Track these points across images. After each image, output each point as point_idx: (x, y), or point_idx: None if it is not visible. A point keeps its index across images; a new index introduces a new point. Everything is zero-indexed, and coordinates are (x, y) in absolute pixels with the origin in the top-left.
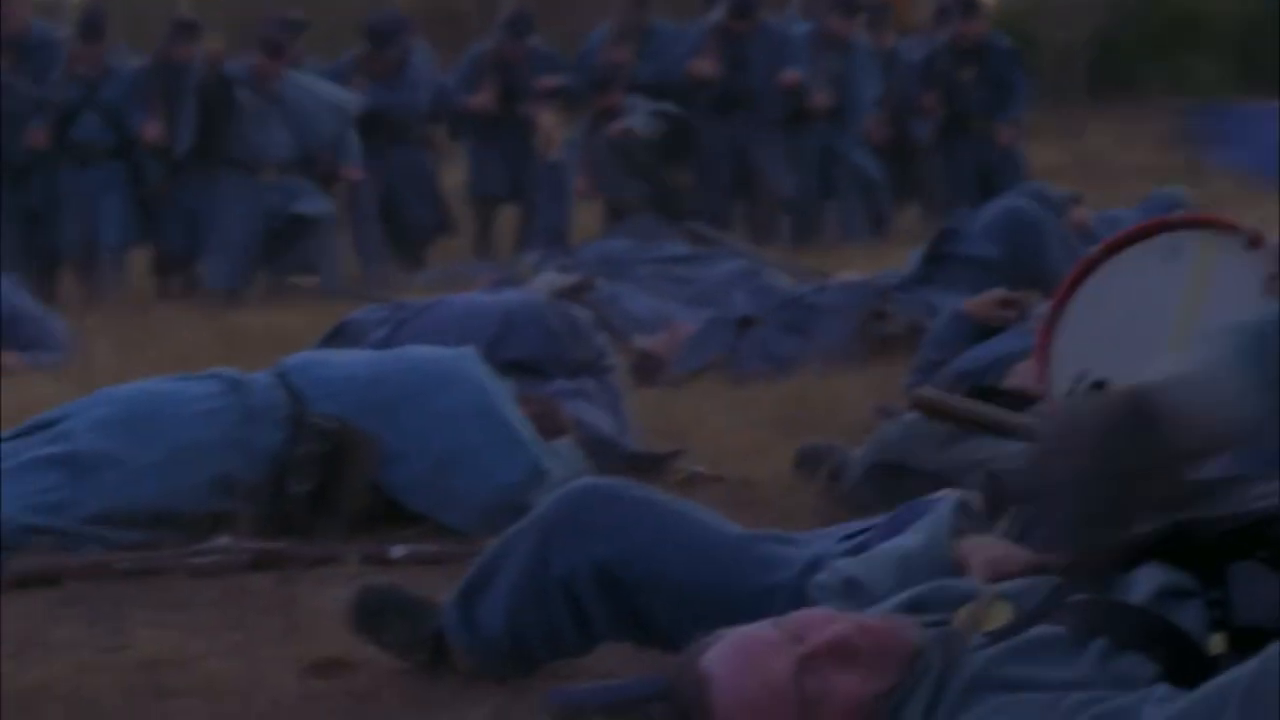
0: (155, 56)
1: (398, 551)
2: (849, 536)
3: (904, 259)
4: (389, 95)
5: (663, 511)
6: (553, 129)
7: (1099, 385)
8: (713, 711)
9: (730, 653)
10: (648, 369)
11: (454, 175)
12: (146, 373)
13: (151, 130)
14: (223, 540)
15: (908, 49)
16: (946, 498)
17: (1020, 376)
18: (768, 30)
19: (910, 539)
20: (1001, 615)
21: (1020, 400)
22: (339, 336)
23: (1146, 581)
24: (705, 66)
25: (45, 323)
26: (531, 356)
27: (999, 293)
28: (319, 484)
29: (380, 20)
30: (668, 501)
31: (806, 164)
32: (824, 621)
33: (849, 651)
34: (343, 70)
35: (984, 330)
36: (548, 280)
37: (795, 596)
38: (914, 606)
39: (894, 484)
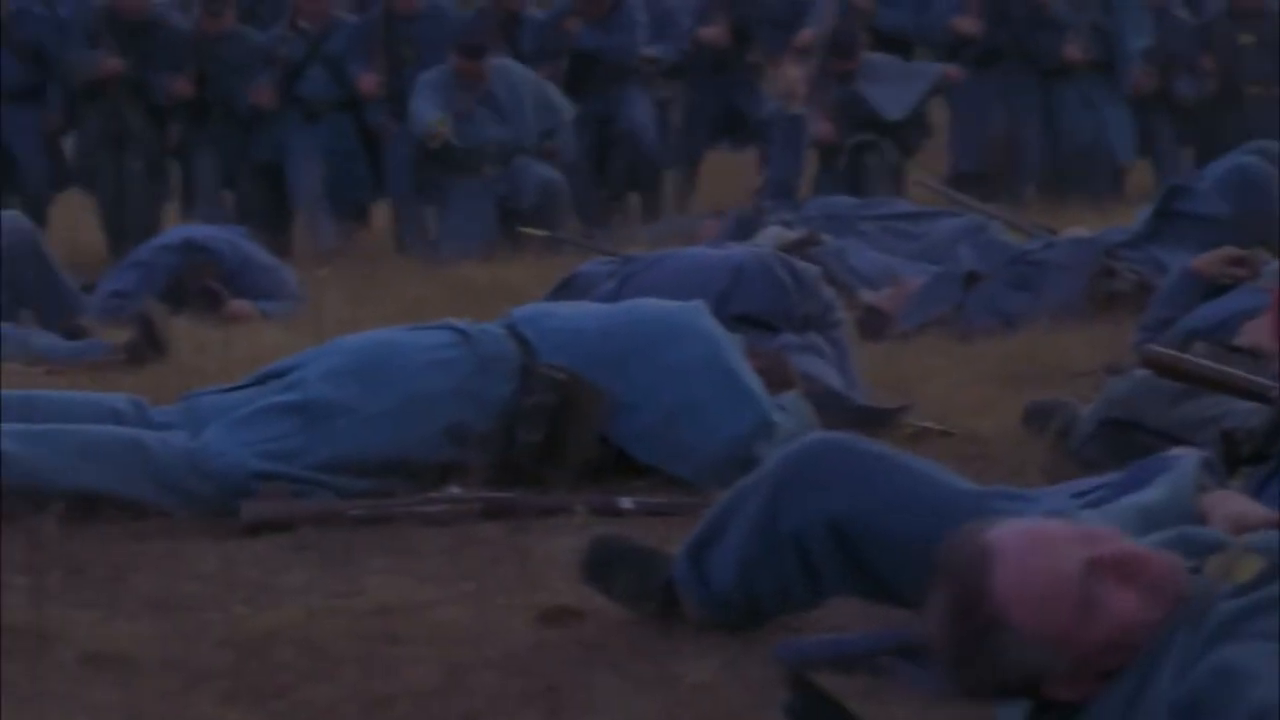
0: (381, 6)
1: (626, 503)
2: (1081, 494)
3: (1133, 217)
4: (605, 38)
5: (895, 467)
6: (797, 83)
7: None
8: (992, 584)
9: (1022, 533)
10: (874, 324)
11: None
12: (376, 323)
13: (368, 82)
14: (453, 489)
15: (1177, 5)
16: (1189, 454)
17: (1251, 334)
18: None
19: (1152, 493)
20: (1252, 567)
21: (1252, 358)
22: (567, 289)
23: None
24: (969, 24)
25: (277, 273)
26: (760, 310)
27: (1229, 250)
28: (548, 434)
29: None
30: (900, 457)
31: (1069, 117)
32: (1115, 534)
33: (1135, 570)
34: (557, 14)
35: (1213, 288)
36: (774, 234)
37: None
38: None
39: (1123, 441)
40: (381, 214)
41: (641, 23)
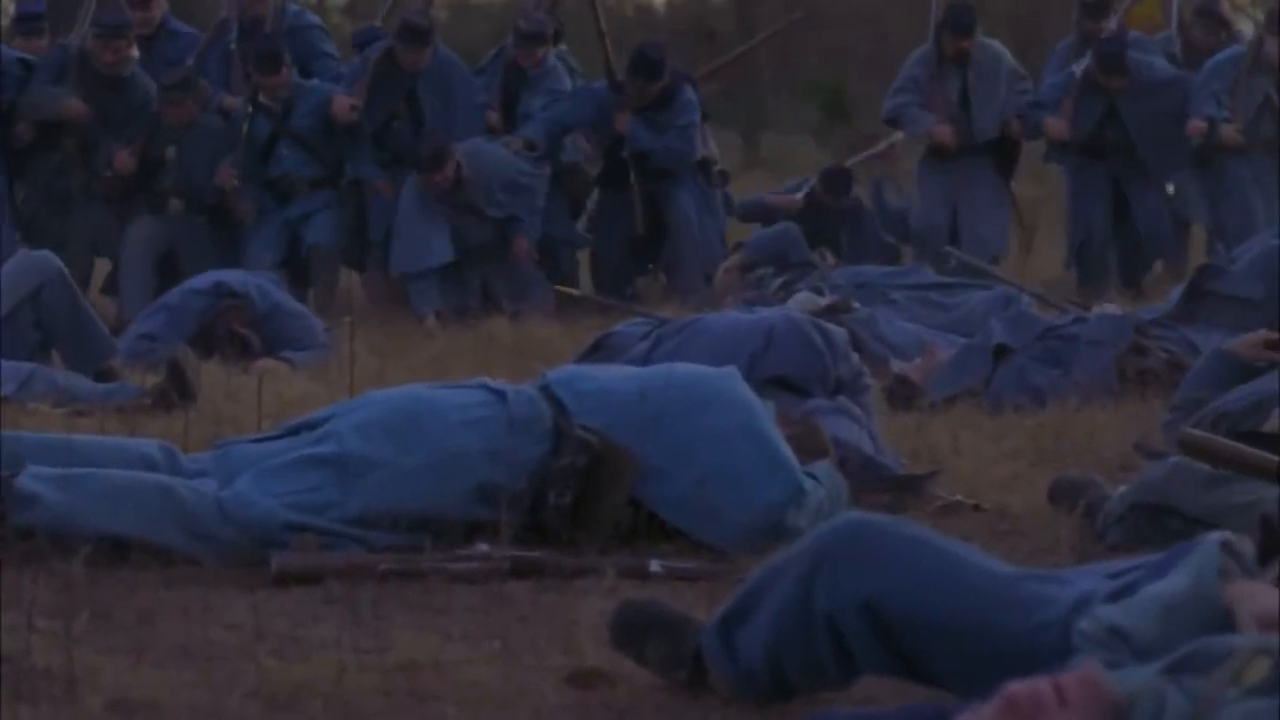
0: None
1: (655, 566)
2: (1115, 575)
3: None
4: (654, 138)
5: (931, 549)
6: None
7: None
8: None
9: None
10: (903, 394)
11: None
12: (405, 376)
13: (340, 106)
14: (483, 547)
15: None
16: (1212, 538)
17: None
18: (1141, 83)
19: (1176, 582)
20: (1261, 670)
21: None
22: (600, 349)
23: None
24: (1059, 128)
25: (305, 320)
26: (793, 372)
27: (1264, 334)
28: (579, 496)
29: (646, 48)
30: (935, 539)
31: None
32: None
33: None
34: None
35: (1247, 370)
36: (804, 299)
37: (1062, 636)
38: (1178, 667)
39: (1155, 525)
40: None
41: (696, 120)
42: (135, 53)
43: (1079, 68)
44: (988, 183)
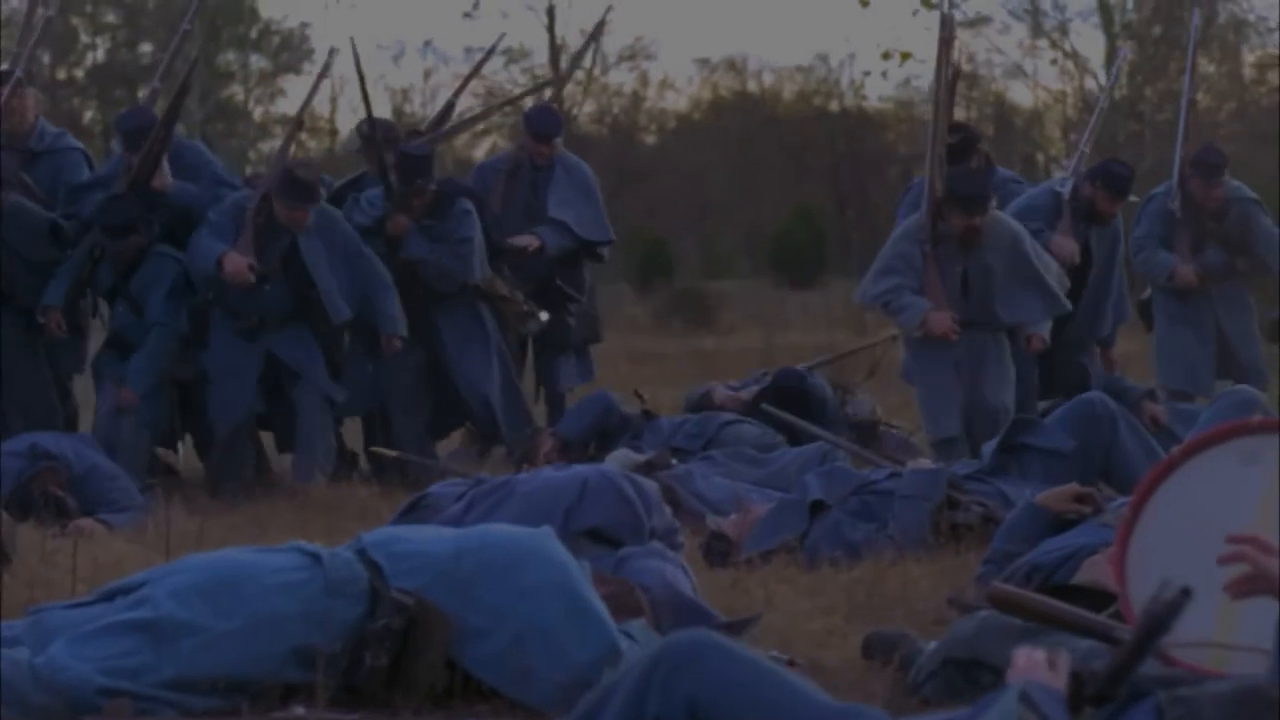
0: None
1: None
2: None
3: None
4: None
5: (765, 669)
6: None
7: (1186, 592)
8: None
9: None
10: (719, 549)
11: None
12: (223, 535)
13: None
14: (299, 710)
15: None
16: (1011, 688)
17: (1094, 571)
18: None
19: None
20: None
21: (1094, 596)
22: (416, 510)
23: None
24: (1188, 275)
25: (121, 481)
26: (606, 523)
27: (1073, 487)
28: (396, 657)
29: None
30: (769, 663)
31: None
32: None
33: None
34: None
35: (1058, 523)
36: (621, 456)
37: None
38: None
39: (966, 678)
40: None
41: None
42: None
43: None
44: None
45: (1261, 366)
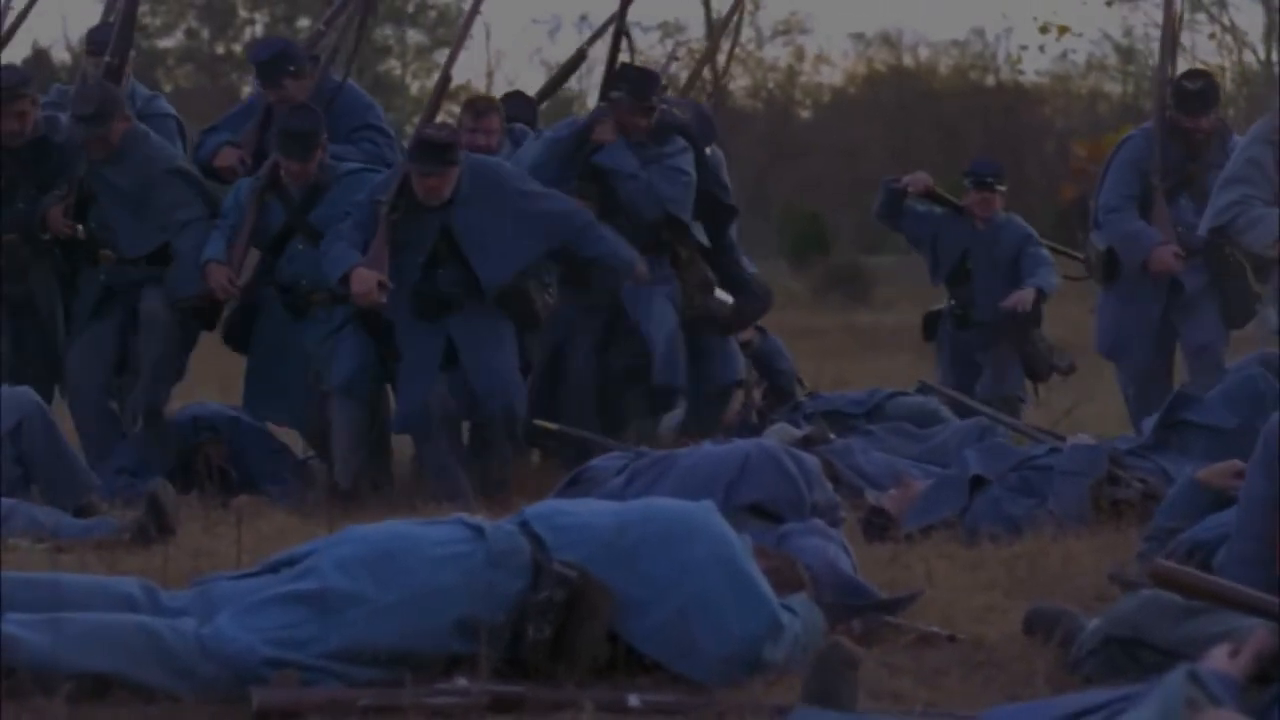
0: None
1: (634, 700)
2: (1083, 711)
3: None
4: None
5: None
6: None
7: None
8: None
9: None
10: (879, 524)
11: None
12: (383, 509)
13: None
14: (462, 682)
15: None
16: (1179, 669)
17: None
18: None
19: (1143, 716)
20: None
21: None
22: (577, 484)
23: None
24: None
25: (282, 455)
26: (767, 498)
27: (1235, 464)
28: (557, 630)
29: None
30: None
31: None
32: None
33: None
34: None
35: (1219, 500)
36: (780, 430)
37: None
38: None
39: (1128, 657)
40: None
41: None
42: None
43: None
44: None
45: None
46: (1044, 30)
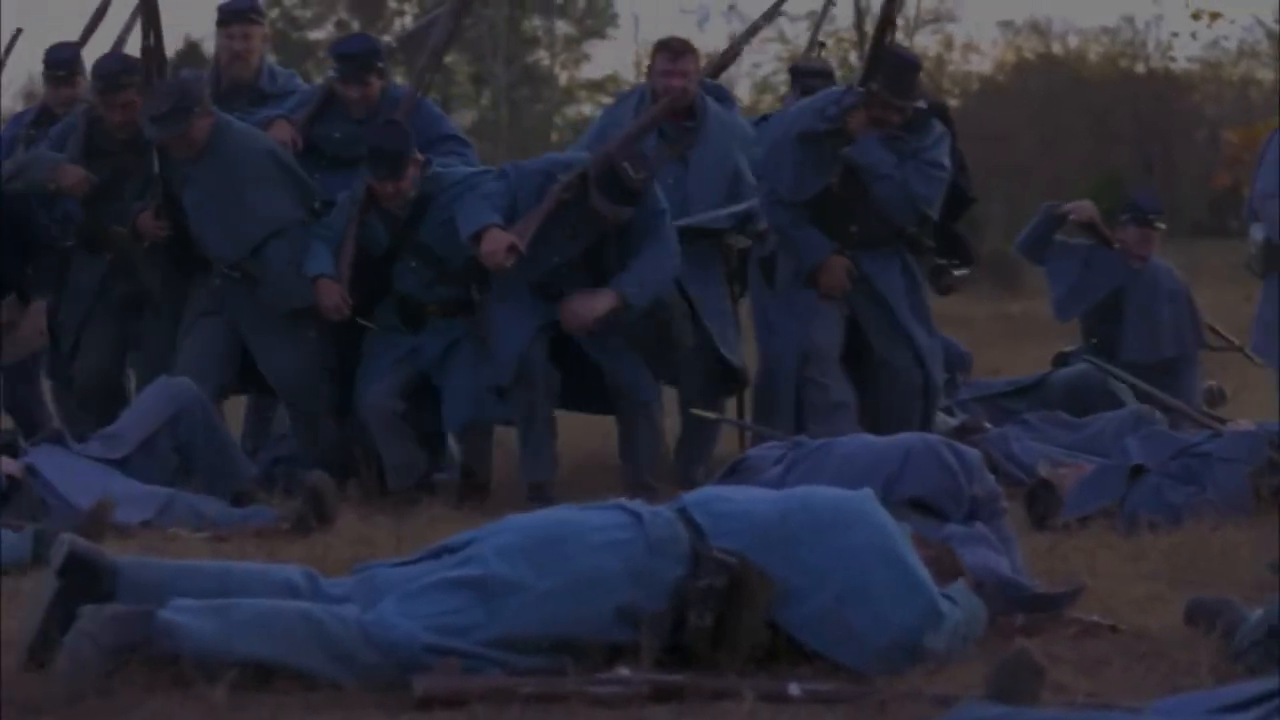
0: None
1: (795, 689)
2: (1244, 704)
3: None
4: None
5: None
6: None
7: None
8: None
9: None
10: (1044, 499)
11: None
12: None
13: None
14: (623, 670)
15: None
16: None
17: None
18: None
19: None
20: None
21: None
22: (735, 472)
23: None
24: None
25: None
26: (929, 493)
27: None
28: (718, 618)
29: None
30: None
31: None
32: None
33: None
34: None
35: None
36: (937, 421)
37: None
38: None
39: None
40: None
41: None
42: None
43: None
44: None
45: None
46: (1195, 17)
